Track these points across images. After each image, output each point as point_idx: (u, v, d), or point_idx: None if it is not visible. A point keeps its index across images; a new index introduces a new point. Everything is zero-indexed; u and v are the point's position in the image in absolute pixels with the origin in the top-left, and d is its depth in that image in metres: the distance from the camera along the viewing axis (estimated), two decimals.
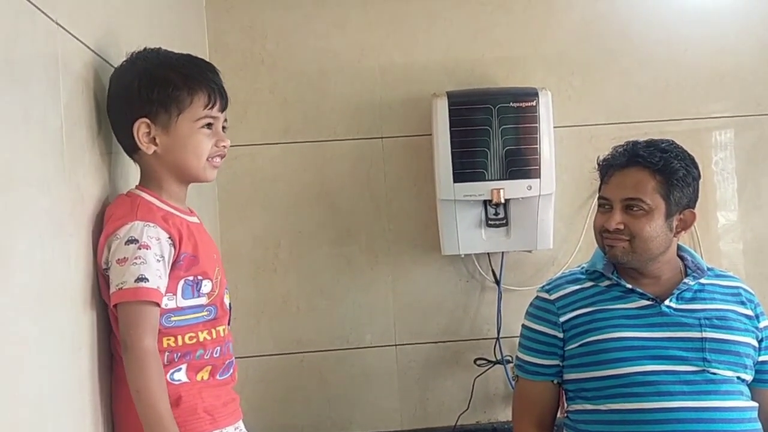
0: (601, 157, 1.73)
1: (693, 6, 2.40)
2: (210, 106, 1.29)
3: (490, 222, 2.16)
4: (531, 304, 1.77)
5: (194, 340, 1.27)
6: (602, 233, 1.67)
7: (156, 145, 1.26)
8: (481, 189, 2.12)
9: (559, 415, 1.75)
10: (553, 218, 2.19)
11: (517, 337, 1.80)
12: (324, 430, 2.29)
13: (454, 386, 2.32)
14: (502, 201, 2.11)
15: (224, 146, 1.33)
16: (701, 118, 2.39)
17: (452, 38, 2.33)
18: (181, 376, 1.25)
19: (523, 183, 2.12)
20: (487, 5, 2.34)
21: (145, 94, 1.24)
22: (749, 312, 1.68)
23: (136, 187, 1.31)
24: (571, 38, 2.36)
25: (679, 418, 1.54)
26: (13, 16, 0.98)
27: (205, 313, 1.29)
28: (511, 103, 2.12)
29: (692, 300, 1.66)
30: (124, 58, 1.32)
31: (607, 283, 1.69)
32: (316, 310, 2.31)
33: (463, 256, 2.24)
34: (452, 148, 2.12)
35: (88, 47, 1.25)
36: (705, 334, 1.61)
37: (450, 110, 2.12)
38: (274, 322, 2.30)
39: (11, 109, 0.96)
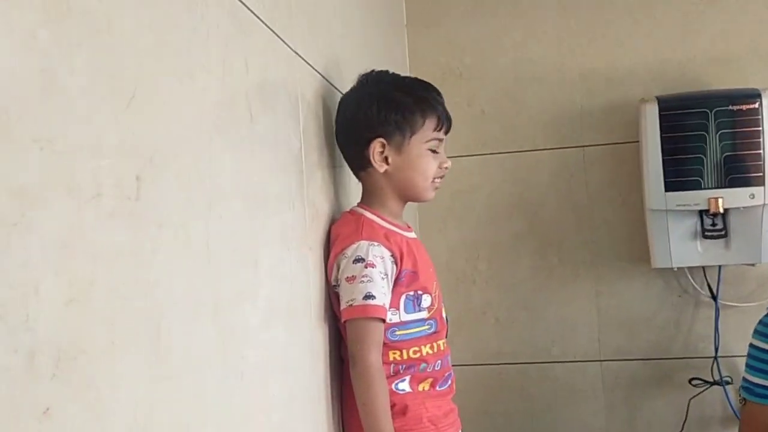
0: None
1: None
2: (438, 128, 1.34)
3: (706, 233, 2.03)
4: (760, 322, 1.63)
5: (418, 354, 1.30)
6: None
7: (388, 164, 1.31)
8: (696, 198, 1.99)
9: None
10: None
11: (737, 356, 1.69)
12: None
13: (666, 407, 2.19)
14: (721, 211, 1.97)
15: (446, 167, 1.37)
16: None
17: (659, 40, 2.22)
18: (405, 386, 1.29)
19: (744, 191, 1.97)
20: (698, 2, 2.20)
21: (383, 116, 1.30)
22: None
23: (359, 205, 1.36)
24: None
25: None
26: (265, 49, 1.06)
27: (426, 327, 1.32)
28: (729, 106, 1.98)
29: None
30: (351, 81, 1.38)
31: None
32: (516, 321, 2.29)
33: (675, 269, 2.12)
34: (663, 155, 2.01)
35: (319, 72, 1.33)
36: None
37: (661, 116, 2.02)
38: (473, 333, 2.30)
39: (266, 133, 1.04)
